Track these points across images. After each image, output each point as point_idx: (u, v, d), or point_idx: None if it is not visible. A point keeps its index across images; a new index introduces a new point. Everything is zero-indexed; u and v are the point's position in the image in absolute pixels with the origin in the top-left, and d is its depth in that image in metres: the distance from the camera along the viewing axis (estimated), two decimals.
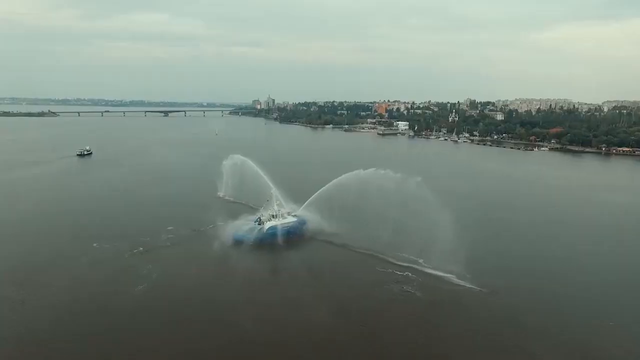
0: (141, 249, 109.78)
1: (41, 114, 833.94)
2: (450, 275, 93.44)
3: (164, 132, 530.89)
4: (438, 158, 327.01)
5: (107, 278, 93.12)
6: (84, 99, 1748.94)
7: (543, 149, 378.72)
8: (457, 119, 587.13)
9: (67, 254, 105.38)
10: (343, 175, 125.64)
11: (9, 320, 77.27)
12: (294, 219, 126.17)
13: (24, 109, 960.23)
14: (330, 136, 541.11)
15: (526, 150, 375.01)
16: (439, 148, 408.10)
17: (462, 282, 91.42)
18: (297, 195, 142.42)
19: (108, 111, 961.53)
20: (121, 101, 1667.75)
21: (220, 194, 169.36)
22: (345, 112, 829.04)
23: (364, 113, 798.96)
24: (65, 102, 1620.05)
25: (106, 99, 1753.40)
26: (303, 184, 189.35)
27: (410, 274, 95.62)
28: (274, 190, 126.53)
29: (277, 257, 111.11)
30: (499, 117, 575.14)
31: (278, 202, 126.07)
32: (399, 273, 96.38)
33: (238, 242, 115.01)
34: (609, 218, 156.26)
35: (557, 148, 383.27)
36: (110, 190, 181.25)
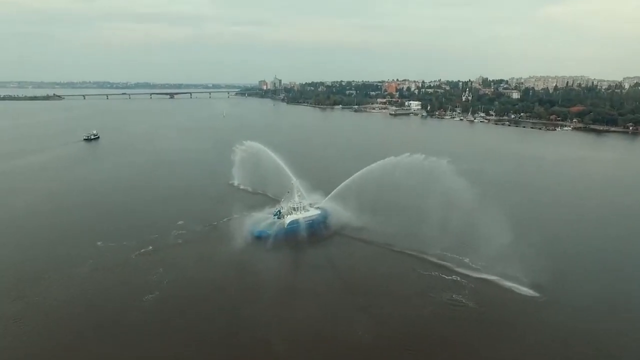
0: (150, 248, 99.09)
1: (46, 98, 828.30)
2: (506, 281, 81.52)
3: (170, 114, 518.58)
4: (458, 140, 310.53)
5: (112, 287, 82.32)
6: (89, 82, 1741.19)
7: (565, 128, 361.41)
8: (470, 98, 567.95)
9: (67, 257, 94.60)
10: (374, 164, 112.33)
11: None
12: (317, 212, 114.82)
13: (29, 92, 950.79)
14: (340, 117, 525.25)
15: (548, 130, 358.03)
16: (455, 129, 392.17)
17: (521, 288, 79.50)
18: (317, 184, 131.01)
19: (113, 94, 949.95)
20: (126, 84, 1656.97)
21: (234, 182, 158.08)
22: (353, 91, 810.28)
23: (373, 93, 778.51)
24: (70, 85, 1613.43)
25: (111, 81, 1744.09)
26: (323, 171, 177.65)
27: (457, 278, 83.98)
28: (295, 181, 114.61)
29: (302, 258, 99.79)
30: (515, 95, 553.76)
31: (299, 193, 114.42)
32: (445, 277, 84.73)
33: (257, 239, 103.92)
34: None
35: (580, 128, 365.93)
36: (116, 179, 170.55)
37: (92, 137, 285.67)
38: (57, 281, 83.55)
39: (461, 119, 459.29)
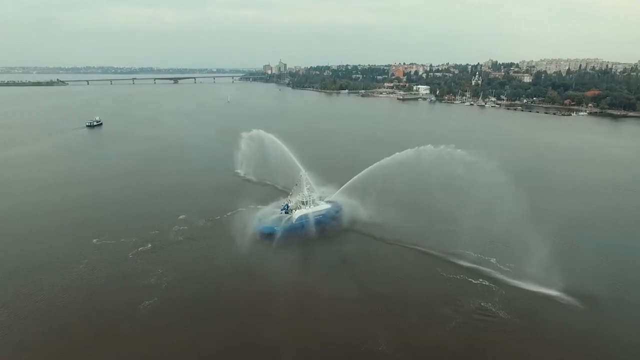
0: (149, 245, 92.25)
1: (50, 83, 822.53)
2: (541, 287, 73.64)
3: (174, 99, 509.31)
4: (471, 126, 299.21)
5: (106, 292, 75.37)
6: (94, 67, 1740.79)
7: (581, 113, 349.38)
8: (480, 82, 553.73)
9: (60, 256, 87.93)
10: (393, 155, 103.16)
11: None
12: (327, 206, 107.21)
13: (33, 78, 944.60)
14: (347, 102, 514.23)
15: (563, 115, 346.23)
16: (466, 114, 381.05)
17: (559, 296, 71.80)
18: (327, 174, 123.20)
19: (117, 79, 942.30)
20: (130, 68, 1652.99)
21: (239, 171, 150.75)
22: (360, 76, 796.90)
23: (380, 77, 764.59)
24: (74, 70, 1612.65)
25: (115, 66, 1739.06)
26: (332, 160, 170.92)
27: (485, 282, 76.34)
28: (304, 173, 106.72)
29: (312, 257, 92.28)
30: (526, 79, 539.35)
31: (308, 185, 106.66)
32: (471, 281, 77.06)
33: (263, 236, 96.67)
34: None
35: (596, 113, 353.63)
36: (117, 170, 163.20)
37: (95, 123, 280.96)
38: (48, 286, 76.72)
39: (471, 104, 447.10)
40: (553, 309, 69.15)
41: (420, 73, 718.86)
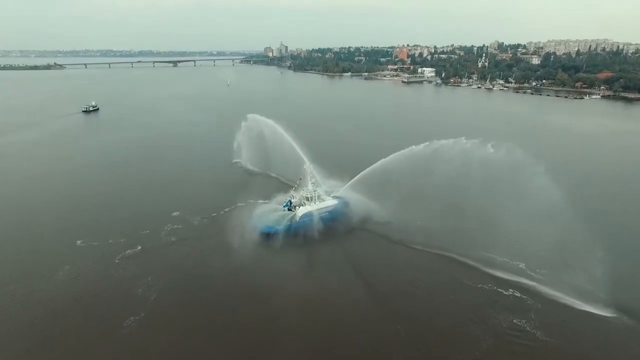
0: (139, 247, 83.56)
1: (47, 67, 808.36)
2: (581, 301, 64.28)
3: (173, 83, 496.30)
4: (481, 111, 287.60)
5: (85, 305, 66.82)
6: (93, 50, 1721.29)
7: (594, 97, 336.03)
8: (487, 64, 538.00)
9: (39, 261, 79.27)
10: (410, 148, 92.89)
11: None
12: (334, 202, 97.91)
13: (31, 61, 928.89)
14: (350, 85, 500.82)
15: (575, 98, 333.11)
16: (474, 98, 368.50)
17: (605, 314, 62.40)
18: (333, 165, 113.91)
19: (116, 62, 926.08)
20: (130, 52, 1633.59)
21: (239, 161, 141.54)
22: (363, 58, 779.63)
23: (383, 59, 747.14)
24: (73, 53, 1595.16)
25: (115, 49, 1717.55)
26: (339, 150, 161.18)
27: (517, 293, 67.17)
28: (308, 165, 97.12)
29: (317, 259, 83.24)
30: (535, 61, 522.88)
31: (313, 179, 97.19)
32: (501, 292, 67.88)
33: (264, 236, 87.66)
34: None
35: (609, 96, 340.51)
36: (109, 160, 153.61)
37: (91, 108, 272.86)
38: (20, 299, 68.07)
39: (479, 87, 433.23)
40: (601, 329, 60.10)
41: (424, 55, 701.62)
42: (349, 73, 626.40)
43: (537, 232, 73.83)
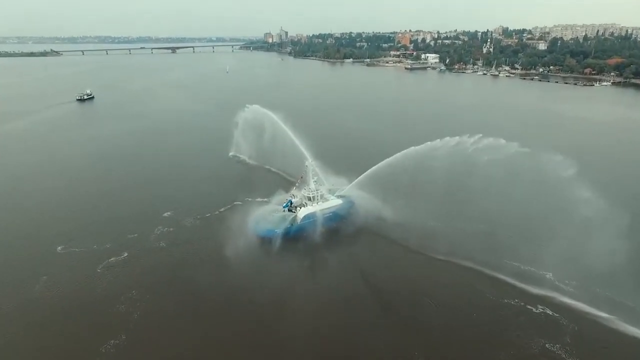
0: (125, 254, 76.07)
1: (44, 54, 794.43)
2: (626, 322, 56.13)
3: (170, 70, 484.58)
4: (489, 99, 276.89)
5: (60, 323, 59.41)
6: (90, 37, 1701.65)
7: (604, 83, 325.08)
8: (492, 49, 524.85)
9: (12, 273, 71.58)
10: (425, 144, 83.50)
11: None
12: (338, 202, 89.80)
13: (28, 48, 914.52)
14: (352, 72, 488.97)
15: (585, 85, 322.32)
16: (480, 85, 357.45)
17: None
18: (338, 161, 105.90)
19: (113, 49, 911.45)
20: (128, 38, 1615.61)
21: (237, 154, 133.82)
22: (364, 44, 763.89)
23: (385, 45, 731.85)
24: (71, 40, 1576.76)
25: (113, 36, 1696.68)
26: (344, 144, 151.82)
27: (548, 311, 59.27)
28: (310, 162, 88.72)
29: (320, 267, 75.45)
30: (541, 46, 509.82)
31: (315, 178, 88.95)
32: (530, 309, 59.94)
33: (262, 240, 79.94)
34: None
35: (620, 82, 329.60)
36: (100, 154, 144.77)
37: (86, 97, 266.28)
38: None
39: (484, 74, 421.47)
40: None
41: (427, 40, 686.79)
42: (351, 59, 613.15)
43: (567, 237, 65.76)
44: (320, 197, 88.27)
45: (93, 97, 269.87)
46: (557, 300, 60.77)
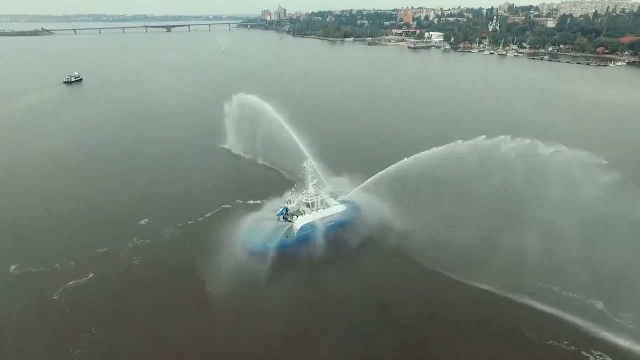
0: (90, 276, 64.56)
1: (35, 33, 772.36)
2: None
3: (165, 50, 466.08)
4: (501, 82, 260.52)
5: None
6: (85, 15, 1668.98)
7: (619, 64, 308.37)
8: (499, 27, 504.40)
9: None
10: (446, 146, 70.54)
11: None
12: (342, 208, 77.68)
13: (21, 27, 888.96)
14: (353, 52, 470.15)
15: (599, 66, 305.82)
16: (488, 65, 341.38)
17: None
18: (340, 156, 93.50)
19: (107, 28, 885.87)
20: (123, 16, 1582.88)
21: (228, 146, 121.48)
22: (365, 22, 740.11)
23: (387, 23, 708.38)
24: (65, 18, 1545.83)
25: (108, 14, 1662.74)
26: (348, 138, 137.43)
27: (608, 358, 48.16)
28: (308, 164, 75.65)
29: (320, 288, 63.56)
30: (550, 24, 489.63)
31: (316, 180, 76.49)
32: (586, 356, 48.12)
33: (253, 256, 68.02)
34: None
35: (635, 62, 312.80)
36: (75, 147, 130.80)
37: (74, 79, 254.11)
38: None
39: (491, 53, 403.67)
40: None
41: (431, 18, 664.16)
42: (351, 38, 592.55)
43: (621, 258, 53.99)
44: (321, 202, 76.23)
45: (82, 79, 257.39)
46: (614, 342, 49.10)
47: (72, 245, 72.78)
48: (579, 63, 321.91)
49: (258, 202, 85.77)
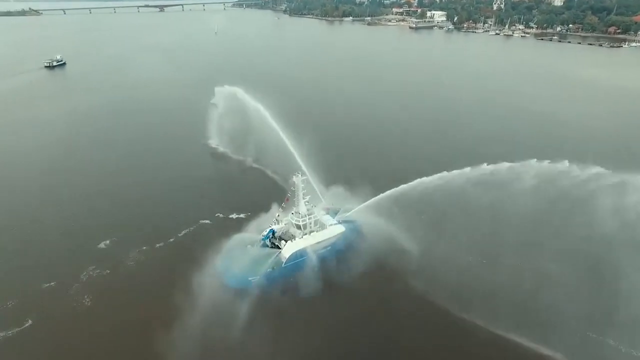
0: (28, 323, 52.08)
1: (22, 13, 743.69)
2: None
3: (156, 31, 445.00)
4: (511, 66, 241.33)
5: None
6: None
7: (634, 44, 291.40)
8: (504, 6, 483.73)
9: None
10: (467, 170, 57.68)
11: None
12: (339, 229, 64.69)
13: (7, 7, 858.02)
14: (352, 32, 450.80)
15: (612, 47, 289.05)
16: (494, 47, 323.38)
17: None
18: (341, 164, 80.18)
19: (97, 7, 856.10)
20: None
21: (214, 143, 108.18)
22: (365, 0, 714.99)
23: (387, 1, 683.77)
24: None
25: None
26: (349, 137, 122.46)
27: None
28: (299, 178, 61.72)
29: (314, 334, 51.13)
30: (557, 2, 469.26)
31: (308, 197, 62.80)
32: None
33: (233, 293, 55.34)
34: None
35: None
36: (40, 148, 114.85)
37: (55, 63, 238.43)
38: None
39: (497, 33, 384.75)
40: None
41: None
42: (350, 17, 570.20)
43: None
44: (315, 223, 63.09)
45: (64, 63, 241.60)
46: None
47: (13, 277, 60.09)
48: (589, 44, 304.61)
49: (242, 215, 73.57)
